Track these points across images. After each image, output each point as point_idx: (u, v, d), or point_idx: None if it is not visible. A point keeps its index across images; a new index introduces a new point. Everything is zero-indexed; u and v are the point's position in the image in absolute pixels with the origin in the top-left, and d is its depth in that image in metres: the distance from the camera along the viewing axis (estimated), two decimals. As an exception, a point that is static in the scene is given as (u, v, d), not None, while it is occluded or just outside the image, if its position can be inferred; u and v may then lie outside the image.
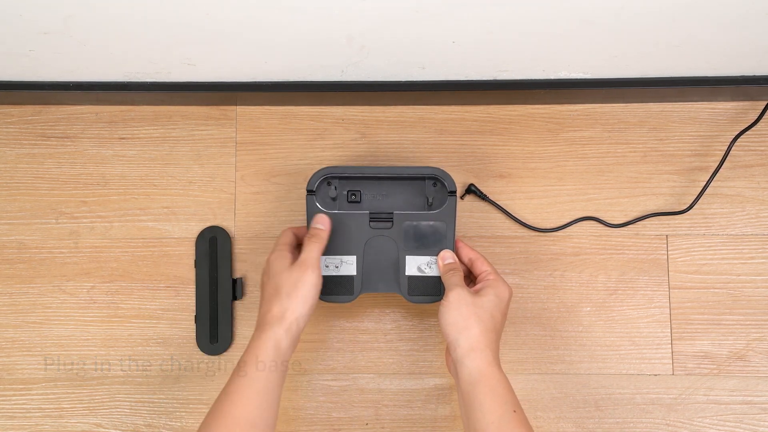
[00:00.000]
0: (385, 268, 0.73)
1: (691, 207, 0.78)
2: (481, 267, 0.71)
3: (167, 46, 0.69)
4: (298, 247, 0.72)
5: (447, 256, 0.72)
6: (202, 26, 0.64)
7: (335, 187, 0.73)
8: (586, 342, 0.79)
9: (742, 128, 0.78)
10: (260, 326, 0.66)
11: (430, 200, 0.73)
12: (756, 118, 0.78)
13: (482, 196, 0.78)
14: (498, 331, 0.67)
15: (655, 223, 0.80)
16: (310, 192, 0.72)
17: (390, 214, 0.73)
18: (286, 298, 0.66)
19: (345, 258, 0.72)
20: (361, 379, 0.79)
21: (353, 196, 0.74)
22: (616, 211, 0.80)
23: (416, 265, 0.72)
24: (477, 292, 0.68)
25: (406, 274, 0.72)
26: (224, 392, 0.63)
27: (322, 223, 0.71)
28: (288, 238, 0.72)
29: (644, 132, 0.81)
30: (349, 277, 0.72)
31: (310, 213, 0.72)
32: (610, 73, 0.76)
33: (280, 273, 0.67)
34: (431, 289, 0.73)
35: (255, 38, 0.67)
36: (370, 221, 0.73)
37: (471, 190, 0.78)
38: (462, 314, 0.66)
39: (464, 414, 0.65)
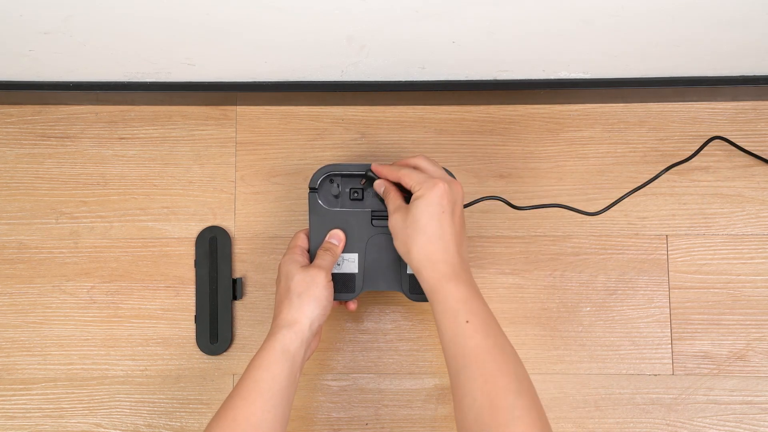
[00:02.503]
0: (387, 266, 0.72)
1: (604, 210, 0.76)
2: (408, 183, 0.67)
3: (167, 46, 0.69)
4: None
5: (377, 185, 0.71)
6: (202, 26, 0.64)
7: (338, 185, 0.73)
8: (586, 342, 0.79)
9: (678, 161, 0.77)
10: (270, 329, 0.66)
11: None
12: (691, 154, 0.78)
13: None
14: (442, 237, 0.63)
15: (655, 223, 0.80)
16: (312, 189, 0.72)
17: None
18: (297, 299, 0.66)
19: (347, 255, 0.72)
20: (361, 379, 0.79)
21: (355, 194, 0.73)
22: (616, 211, 0.80)
23: None
24: (408, 210, 0.65)
25: (408, 272, 0.72)
26: (230, 395, 0.63)
27: (337, 238, 0.71)
28: (300, 241, 0.71)
29: (644, 132, 0.82)
30: (351, 275, 0.72)
31: (312, 210, 0.72)
32: (610, 73, 0.76)
33: (292, 275, 0.67)
34: None
35: (255, 38, 0.67)
36: (372, 219, 0.72)
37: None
38: (400, 240, 0.65)
39: None
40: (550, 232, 0.80)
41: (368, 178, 0.72)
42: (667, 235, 0.80)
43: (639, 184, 0.78)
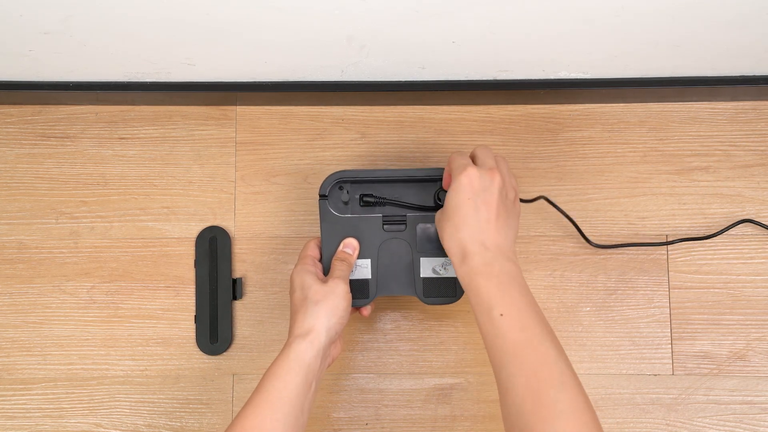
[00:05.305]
0: (400, 271, 0.72)
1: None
2: (447, 171, 0.67)
3: (167, 46, 0.69)
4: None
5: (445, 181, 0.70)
6: (202, 26, 0.64)
7: (347, 191, 0.72)
8: (586, 342, 0.79)
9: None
10: (286, 341, 0.65)
11: (442, 201, 0.72)
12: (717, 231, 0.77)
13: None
14: (468, 224, 0.62)
15: (655, 223, 0.80)
16: (322, 197, 0.72)
17: (403, 217, 0.72)
18: (313, 307, 0.65)
19: (360, 262, 0.72)
20: (361, 379, 0.79)
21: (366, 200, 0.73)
22: (616, 211, 0.80)
23: (431, 266, 0.72)
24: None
25: (421, 276, 0.72)
26: (243, 406, 0.63)
27: (351, 247, 0.71)
28: (311, 251, 0.71)
29: (644, 132, 0.82)
30: (364, 281, 0.72)
31: (323, 218, 0.72)
32: (610, 73, 0.76)
33: (309, 285, 0.66)
34: (447, 291, 0.72)
35: (255, 38, 0.67)
36: (383, 224, 0.72)
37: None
38: (438, 231, 0.66)
39: None
40: (550, 232, 0.80)
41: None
42: (667, 235, 0.80)
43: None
